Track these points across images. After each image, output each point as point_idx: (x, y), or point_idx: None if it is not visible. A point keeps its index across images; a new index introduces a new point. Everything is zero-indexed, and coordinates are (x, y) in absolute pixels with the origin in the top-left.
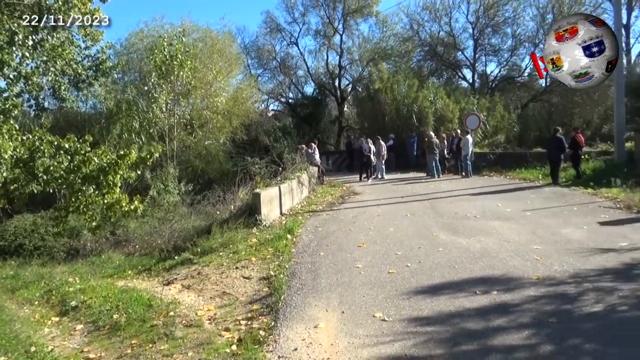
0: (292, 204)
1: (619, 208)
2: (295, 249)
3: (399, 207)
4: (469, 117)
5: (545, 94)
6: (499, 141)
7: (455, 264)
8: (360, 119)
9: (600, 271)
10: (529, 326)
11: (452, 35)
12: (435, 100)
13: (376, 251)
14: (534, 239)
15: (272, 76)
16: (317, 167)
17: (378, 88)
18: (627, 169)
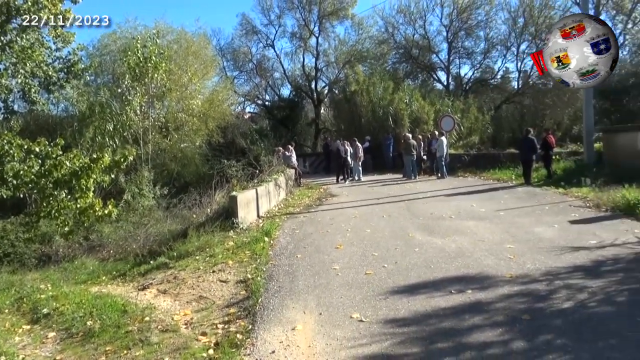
0: (270, 206)
1: (588, 207)
2: (272, 252)
3: (376, 209)
4: (444, 119)
5: (517, 96)
6: (473, 142)
7: (431, 264)
8: (337, 121)
9: (570, 268)
10: (503, 323)
11: (427, 38)
12: (410, 102)
13: (353, 252)
14: (507, 238)
15: (249, 78)
16: (294, 169)
17: (354, 90)
18: (596, 168)
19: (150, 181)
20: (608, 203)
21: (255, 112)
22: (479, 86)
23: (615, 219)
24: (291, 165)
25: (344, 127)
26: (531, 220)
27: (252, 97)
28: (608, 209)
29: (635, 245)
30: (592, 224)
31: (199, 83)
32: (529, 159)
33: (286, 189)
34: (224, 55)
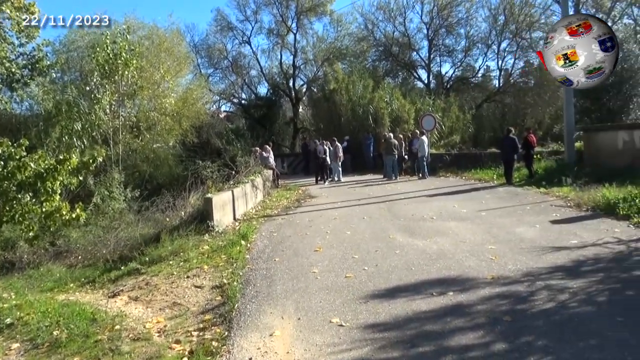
0: (246, 208)
1: (569, 207)
2: (249, 255)
3: (356, 210)
4: (425, 118)
5: (498, 95)
6: (455, 142)
7: (412, 266)
8: (316, 120)
9: (552, 269)
10: (484, 325)
11: (407, 36)
12: (391, 100)
13: (333, 255)
14: (489, 238)
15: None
16: (272, 170)
17: (333, 88)
18: (577, 168)
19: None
20: (589, 203)
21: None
22: (460, 85)
23: (596, 219)
24: (269, 165)
25: (323, 126)
26: (513, 221)
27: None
28: (589, 209)
29: (615, 244)
30: (573, 223)
31: (172, 81)
32: (510, 158)
33: (264, 191)
34: (198, 52)
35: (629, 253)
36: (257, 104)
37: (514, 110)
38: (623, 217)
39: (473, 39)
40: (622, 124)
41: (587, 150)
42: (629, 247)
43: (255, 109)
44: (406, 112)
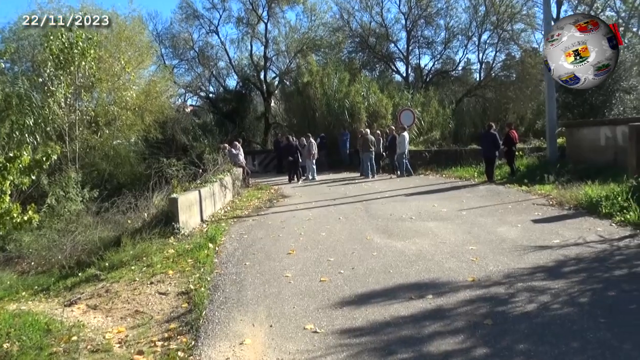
0: (215, 209)
1: (551, 205)
2: (218, 259)
3: (331, 210)
4: (403, 113)
5: (479, 89)
6: (434, 138)
7: (390, 268)
8: (289, 115)
9: (533, 269)
10: (464, 330)
11: (384, 26)
12: (368, 94)
13: (307, 258)
14: (469, 239)
15: (190, 68)
16: (242, 168)
17: (307, 81)
18: (559, 165)
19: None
20: (571, 201)
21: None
22: (440, 78)
23: (578, 217)
24: (238, 163)
25: (297, 121)
26: (494, 220)
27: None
28: (571, 207)
29: (598, 244)
30: (555, 222)
31: (133, 72)
32: (491, 155)
33: (233, 190)
34: (162, 42)
35: (611, 252)
36: (225, 97)
37: (495, 105)
38: (605, 215)
39: (453, 30)
40: (604, 120)
41: (570, 147)
42: (611, 246)
43: (223, 103)
44: (384, 107)
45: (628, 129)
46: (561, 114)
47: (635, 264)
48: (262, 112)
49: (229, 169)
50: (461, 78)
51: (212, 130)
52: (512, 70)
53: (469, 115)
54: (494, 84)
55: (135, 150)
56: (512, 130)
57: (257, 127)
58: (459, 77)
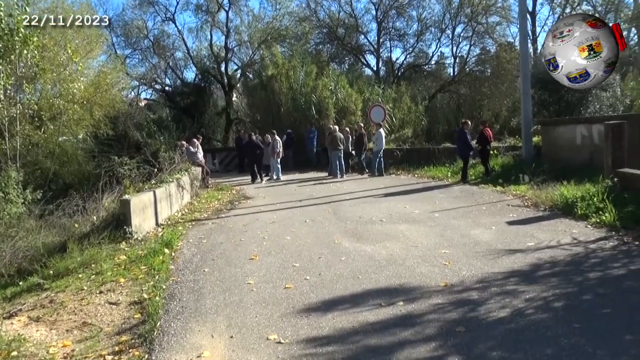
0: (171, 212)
1: (526, 206)
2: (174, 266)
3: (297, 213)
4: (374, 109)
5: (453, 84)
6: (406, 136)
7: (359, 274)
8: (252, 110)
9: (507, 274)
10: (436, 337)
11: (354, 17)
12: (336, 89)
13: (271, 264)
14: (442, 242)
15: (144, 58)
16: (201, 167)
17: (271, 74)
18: (535, 164)
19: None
20: (546, 202)
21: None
22: (412, 72)
23: (554, 219)
24: (197, 162)
25: (260, 117)
26: (468, 222)
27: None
28: (546, 208)
29: (573, 246)
30: (530, 224)
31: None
32: (464, 154)
33: (191, 191)
34: (113, 30)
35: (585, 255)
36: (183, 91)
37: (469, 101)
38: (581, 216)
39: (426, 22)
40: (580, 118)
41: (545, 146)
42: (586, 249)
43: (181, 97)
44: (353, 102)
45: (604, 128)
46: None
47: (609, 267)
48: (223, 107)
49: (187, 168)
50: (434, 73)
51: (169, 126)
52: (487, 65)
53: (443, 112)
54: (468, 79)
55: (83, 147)
56: (486, 128)
57: (218, 123)
58: (432, 71)
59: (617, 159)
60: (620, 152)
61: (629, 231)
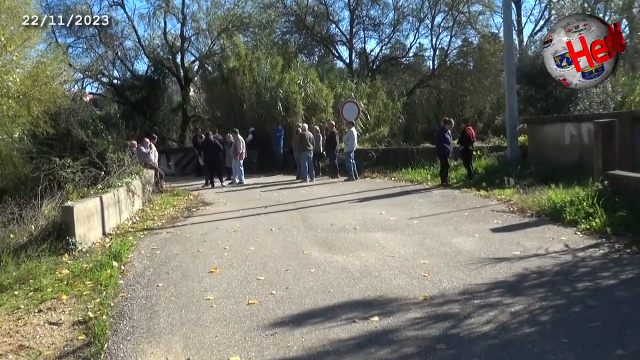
0: (120, 220)
1: (512, 212)
2: (124, 281)
3: (262, 220)
4: (347, 106)
5: (433, 79)
6: (382, 135)
7: (330, 287)
8: (211, 106)
9: (491, 285)
10: (415, 356)
11: (324, 4)
12: (305, 83)
13: (233, 277)
14: (421, 251)
15: (89, 47)
16: (154, 170)
17: (233, 67)
18: (521, 166)
19: None
20: (533, 207)
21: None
22: (389, 65)
23: (541, 225)
24: (150, 164)
25: (221, 114)
26: (449, 230)
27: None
28: (533, 214)
29: (561, 254)
30: (516, 231)
31: (16, 52)
32: (444, 155)
33: (143, 197)
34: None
35: (574, 264)
36: (134, 84)
37: (451, 97)
38: (570, 222)
39: (403, 10)
40: (569, 116)
41: (532, 145)
42: (575, 257)
43: (131, 91)
44: (324, 98)
45: (594, 126)
46: (523, 108)
47: (599, 277)
48: (179, 102)
49: (138, 171)
50: (413, 66)
51: (117, 124)
52: (469, 57)
53: (422, 109)
54: (449, 73)
55: (19, 147)
56: (468, 127)
57: (173, 120)
58: (410, 64)
59: (607, 159)
60: (611, 153)
61: (620, 238)
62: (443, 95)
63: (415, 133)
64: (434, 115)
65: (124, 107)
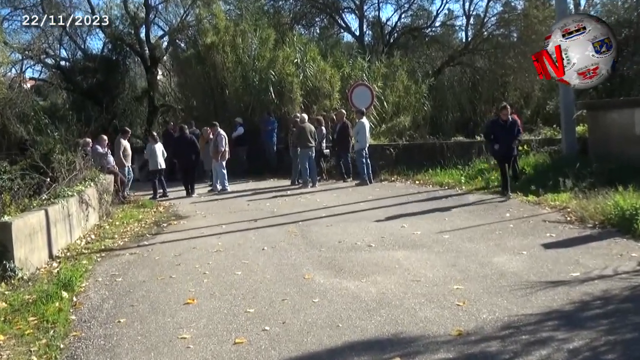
0: (71, 239)
1: (569, 222)
2: (76, 316)
3: (252, 237)
4: (357, 90)
5: (466, 54)
6: (403, 126)
7: (339, 321)
8: (185, 93)
9: (543, 316)
10: None
11: None
12: (304, 63)
13: (214, 310)
14: (454, 274)
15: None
16: (114, 174)
17: (212, 43)
18: (580, 164)
19: None
20: (596, 215)
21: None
22: (410, 38)
23: (606, 239)
24: (109, 168)
25: (197, 103)
26: (489, 246)
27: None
28: (596, 224)
29: (632, 275)
30: (575, 247)
31: None
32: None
33: (101, 209)
34: None
35: None
36: (87, 66)
37: (489, 77)
38: None
39: None
40: None
41: (593, 137)
42: None
43: (84, 76)
44: (327, 81)
45: None
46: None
47: None
48: (144, 88)
49: (94, 176)
50: (440, 39)
51: (66, 117)
52: (512, 27)
53: (453, 93)
54: (487, 47)
55: None
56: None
57: (137, 111)
58: (438, 37)
59: None
60: None
61: None
62: (479, 75)
63: (444, 124)
64: (467, 100)
65: (74, 96)
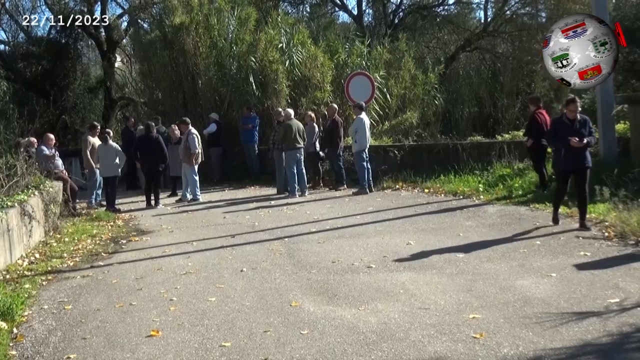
0: (12, 258)
1: (607, 238)
2: (17, 351)
3: (228, 256)
4: (355, 80)
5: (485, 38)
6: (410, 124)
7: (332, 357)
8: (148, 84)
9: (575, 350)
10: None
11: None
12: (290, 48)
13: (183, 343)
14: (470, 300)
15: None
16: (63, 181)
17: (181, 23)
18: (619, 168)
19: None
20: (639, 231)
21: None
22: (418, 19)
23: None
24: (57, 173)
25: (163, 95)
26: (511, 267)
27: None
28: (638, 242)
29: None
30: (613, 268)
31: None
32: None
33: (47, 223)
34: None
35: None
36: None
37: (512, 65)
38: None
39: None
40: None
41: (636, 137)
42: None
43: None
44: (319, 70)
45: None
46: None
47: None
48: (99, 78)
49: (39, 183)
50: (454, 19)
51: (6, 112)
52: (539, 5)
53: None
54: (510, 29)
55: None
56: (540, 111)
57: (91, 105)
58: (451, 17)
59: None
60: None
61: None
62: (501, 63)
63: (459, 120)
64: (487, 92)
65: (15, 87)
